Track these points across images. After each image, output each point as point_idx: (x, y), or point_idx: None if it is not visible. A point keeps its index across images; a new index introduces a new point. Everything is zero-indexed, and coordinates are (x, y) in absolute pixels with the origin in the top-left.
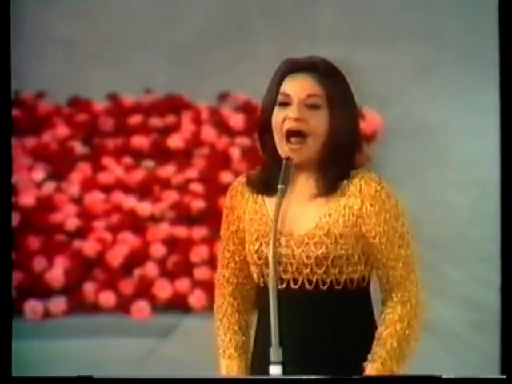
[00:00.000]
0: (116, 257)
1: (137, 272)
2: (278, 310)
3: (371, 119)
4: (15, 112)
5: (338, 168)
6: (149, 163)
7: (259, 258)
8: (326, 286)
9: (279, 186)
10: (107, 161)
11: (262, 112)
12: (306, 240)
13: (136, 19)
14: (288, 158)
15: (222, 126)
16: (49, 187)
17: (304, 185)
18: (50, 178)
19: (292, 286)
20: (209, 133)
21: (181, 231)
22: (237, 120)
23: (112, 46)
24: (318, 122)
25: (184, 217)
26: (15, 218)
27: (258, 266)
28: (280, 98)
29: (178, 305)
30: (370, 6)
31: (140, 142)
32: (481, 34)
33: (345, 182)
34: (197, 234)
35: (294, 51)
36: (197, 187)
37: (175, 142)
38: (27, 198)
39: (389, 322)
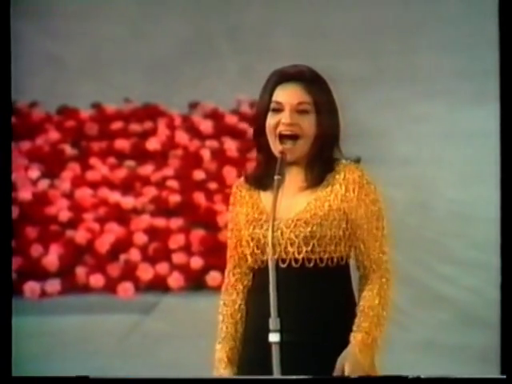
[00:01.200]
0: (104, 244)
1: (122, 257)
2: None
3: None
4: (12, 119)
5: (323, 162)
6: (130, 163)
7: (252, 240)
8: (311, 264)
9: (276, 177)
10: (94, 161)
11: (256, 117)
12: (294, 221)
13: (117, 39)
14: (282, 152)
15: (193, 131)
16: (43, 184)
17: (294, 178)
18: (44, 176)
19: (281, 265)
20: (182, 137)
21: (160, 222)
22: (206, 125)
23: (96, 62)
24: (308, 126)
25: (162, 209)
26: (15, 211)
27: (250, 248)
28: (273, 105)
29: (159, 285)
30: (322, 26)
31: (122, 144)
32: (415, 55)
33: (332, 173)
34: (174, 224)
35: (255, 67)
36: (173, 184)
37: (153, 144)
38: (25, 194)
39: (369, 297)
